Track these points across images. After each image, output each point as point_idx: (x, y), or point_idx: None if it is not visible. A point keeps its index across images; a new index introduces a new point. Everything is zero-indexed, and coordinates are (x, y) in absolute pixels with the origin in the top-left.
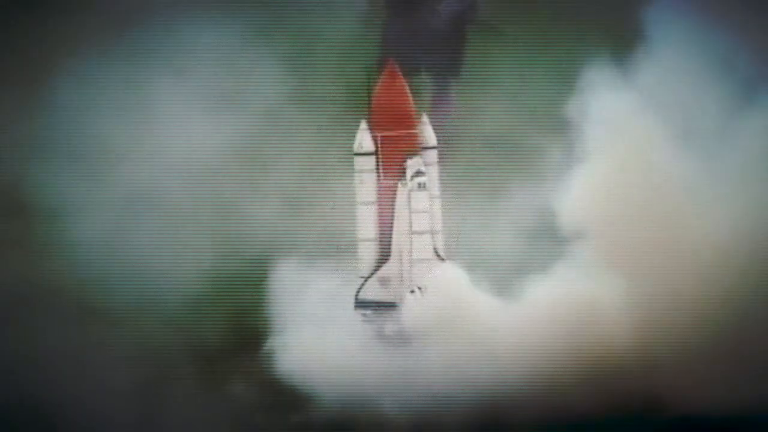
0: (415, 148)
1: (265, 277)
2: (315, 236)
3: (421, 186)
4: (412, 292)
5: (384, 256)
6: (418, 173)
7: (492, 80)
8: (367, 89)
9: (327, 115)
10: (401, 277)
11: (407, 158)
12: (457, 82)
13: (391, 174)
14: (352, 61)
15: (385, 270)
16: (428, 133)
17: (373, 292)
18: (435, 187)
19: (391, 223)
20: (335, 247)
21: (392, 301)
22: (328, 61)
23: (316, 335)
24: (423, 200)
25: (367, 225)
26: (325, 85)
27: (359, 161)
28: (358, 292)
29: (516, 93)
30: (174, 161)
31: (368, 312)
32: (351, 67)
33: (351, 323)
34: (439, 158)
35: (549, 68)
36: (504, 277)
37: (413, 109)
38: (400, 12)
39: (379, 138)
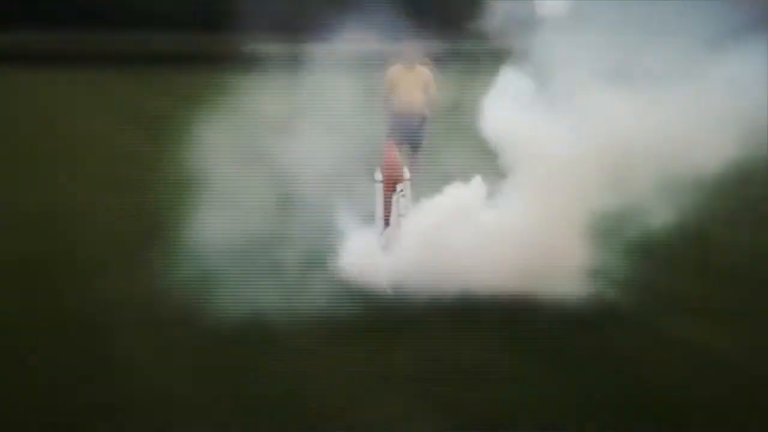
0: (401, 180)
1: None
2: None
3: (404, 196)
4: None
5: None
6: (402, 191)
7: None
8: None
9: None
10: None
11: (397, 185)
12: None
13: (388, 191)
14: None
15: (386, 233)
16: (406, 174)
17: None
18: (408, 196)
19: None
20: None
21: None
22: None
23: None
24: (404, 203)
25: (379, 212)
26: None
27: (376, 185)
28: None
29: None
30: None
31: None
32: None
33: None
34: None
35: None
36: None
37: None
38: None
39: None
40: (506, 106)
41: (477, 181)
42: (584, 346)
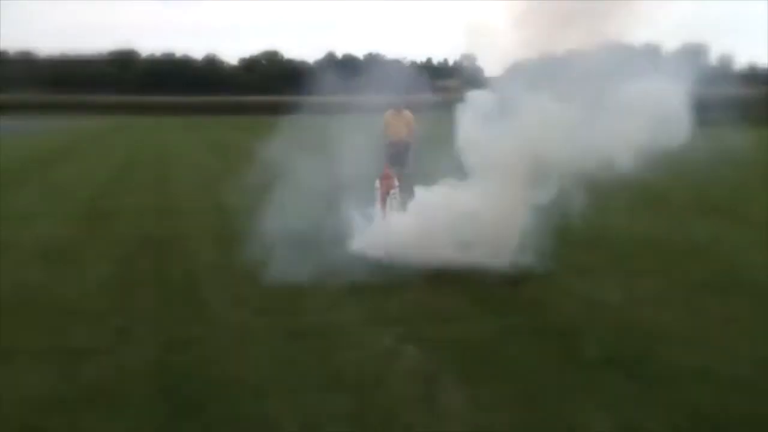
0: (393, 187)
1: None
2: None
3: (395, 198)
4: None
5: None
6: (393, 194)
7: None
8: None
9: None
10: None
11: (390, 191)
12: None
13: (384, 194)
14: None
15: (383, 222)
16: (396, 183)
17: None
18: (397, 198)
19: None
20: None
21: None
22: None
23: None
24: (395, 203)
25: (378, 208)
26: None
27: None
28: None
29: None
30: None
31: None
32: None
33: None
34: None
35: None
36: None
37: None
38: None
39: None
40: (468, 130)
41: (445, 182)
42: (514, 296)
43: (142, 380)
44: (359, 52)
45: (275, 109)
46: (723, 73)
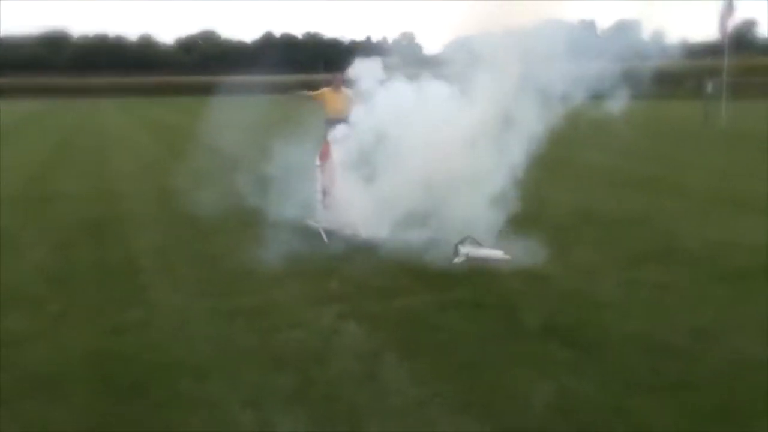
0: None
1: None
2: None
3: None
4: None
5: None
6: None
7: None
8: None
9: None
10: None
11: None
12: None
13: (323, 172)
14: None
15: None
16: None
17: None
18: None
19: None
20: None
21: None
22: None
23: None
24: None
25: (318, 185)
26: None
27: (317, 167)
28: None
29: None
30: None
31: None
32: None
33: None
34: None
35: None
36: None
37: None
38: None
39: (321, 162)
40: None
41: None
42: (454, 271)
43: (82, 366)
44: (298, 32)
45: (214, 90)
46: (656, 47)
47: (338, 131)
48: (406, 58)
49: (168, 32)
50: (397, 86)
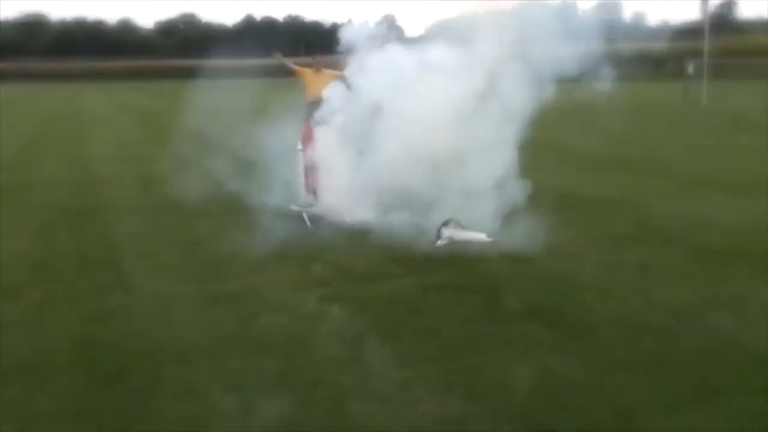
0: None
1: None
2: None
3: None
4: None
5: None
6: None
7: None
8: None
9: None
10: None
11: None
12: None
13: (305, 155)
14: None
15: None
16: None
17: None
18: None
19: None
20: None
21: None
22: None
23: None
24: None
25: (300, 168)
26: None
27: (299, 152)
28: None
29: None
30: None
31: None
32: None
33: None
34: None
35: None
36: None
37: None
38: None
39: (303, 146)
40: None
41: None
42: (436, 254)
43: (63, 352)
44: (279, 15)
45: (194, 74)
46: (636, 29)
47: (325, 110)
48: (387, 40)
49: (147, 16)
50: (394, 51)
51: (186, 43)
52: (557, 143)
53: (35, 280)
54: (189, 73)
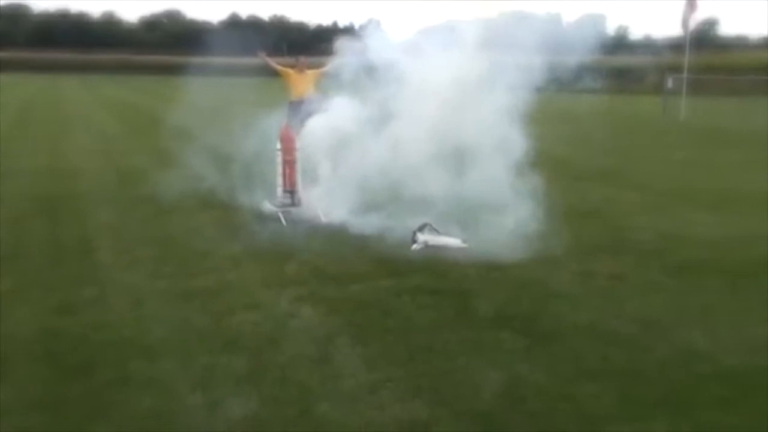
0: (294, 148)
1: None
2: None
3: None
4: None
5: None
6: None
7: None
8: None
9: None
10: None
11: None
12: None
13: (286, 154)
14: None
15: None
16: (297, 143)
17: None
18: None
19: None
20: None
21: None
22: None
23: None
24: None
25: (279, 168)
26: None
27: (277, 151)
28: None
29: None
30: None
31: None
32: None
33: None
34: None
35: None
36: None
37: (294, 137)
38: None
39: (282, 146)
40: None
41: None
42: (411, 258)
43: (29, 344)
44: (264, 14)
45: (177, 70)
46: (619, 42)
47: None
48: (373, 43)
49: (132, 10)
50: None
51: (169, 39)
52: (535, 152)
53: (5, 269)
54: (171, 69)
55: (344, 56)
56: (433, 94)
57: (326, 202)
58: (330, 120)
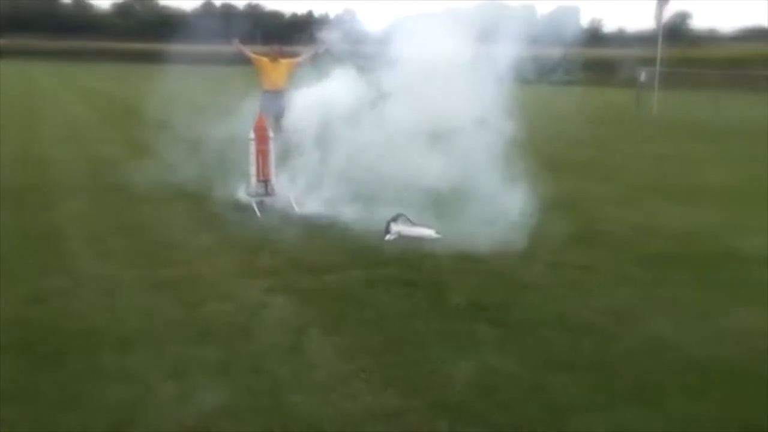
0: (267, 138)
1: None
2: None
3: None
4: None
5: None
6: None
7: None
8: None
9: None
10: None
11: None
12: None
13: (259, 144)
14: None
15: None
16: (270, 133)
17: None
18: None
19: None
20: None
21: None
22: None
23: None
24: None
25: (252, 157)
26: None
27: (250, 141)
28: None
29: None
30: None
31: None
32: None
33: None
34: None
35: None
36: None
37: (267, 127)
38: None
39: (255, 136)
40: None
41: None
42: (384, 249)
43: None
44: (239, 2)
45: (149, 57)
46: (594, 35)
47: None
48: (347, 34)
49: None
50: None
51: (142, 26)
52: (509, 143)
53: None
54: (143, 57)
55: (319, 48)
56: (408, 86)
57: (302, 192)
58: (319, 101)
